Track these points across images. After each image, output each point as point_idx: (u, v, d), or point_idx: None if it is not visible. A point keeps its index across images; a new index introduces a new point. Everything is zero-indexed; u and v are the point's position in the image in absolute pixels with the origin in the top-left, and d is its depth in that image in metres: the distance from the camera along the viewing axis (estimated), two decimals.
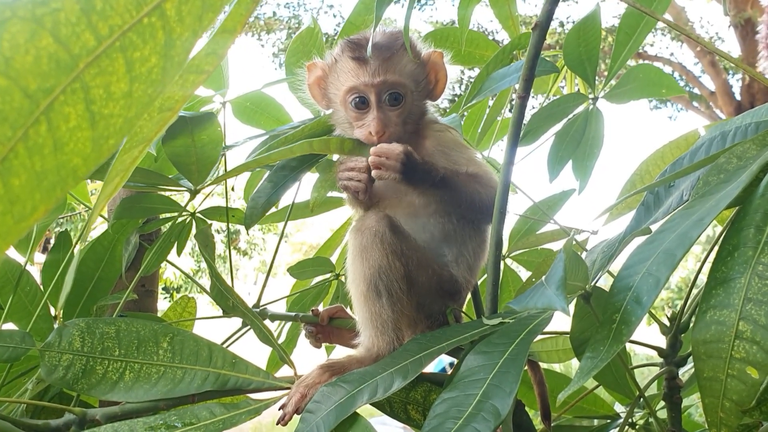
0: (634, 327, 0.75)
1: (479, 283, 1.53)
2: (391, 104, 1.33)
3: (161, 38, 0.45)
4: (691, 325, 0.86)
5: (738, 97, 11.30)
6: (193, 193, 1.62)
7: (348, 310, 1.53)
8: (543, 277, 0.90)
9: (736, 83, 11.87)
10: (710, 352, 0.72)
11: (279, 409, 1.16)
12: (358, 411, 1.01)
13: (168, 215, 1.78)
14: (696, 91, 12.29)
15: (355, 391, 1.00)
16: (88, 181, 2.35)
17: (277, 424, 1.13)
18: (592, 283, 1.06)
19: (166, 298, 12.93)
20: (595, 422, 1.68)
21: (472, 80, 1.69)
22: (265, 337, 1.34)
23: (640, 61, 12.06)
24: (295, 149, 1.27)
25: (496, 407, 0.81)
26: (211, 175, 1.59)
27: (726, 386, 0.71)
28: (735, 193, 0.78)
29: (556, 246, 1.90)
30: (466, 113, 2.01)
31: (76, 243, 1.63)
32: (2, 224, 0.40)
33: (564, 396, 0.80)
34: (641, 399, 1.28)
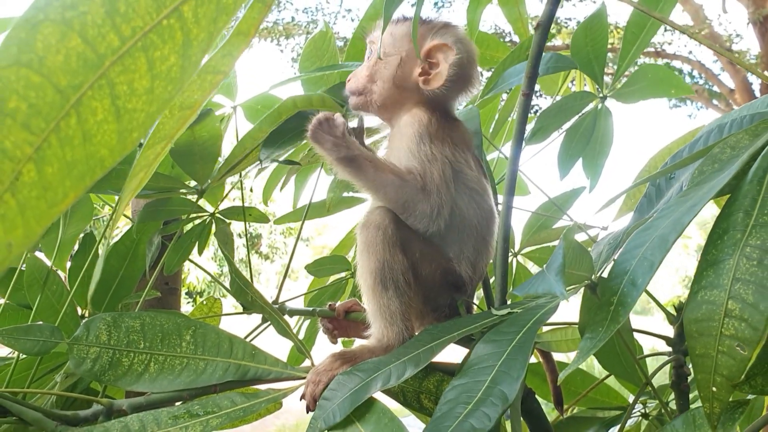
0: (630, 308, 0.79)
1: (492, 280, 1.56)
2: (368, 59, 1.48)
3: (179, 38, 0.49)
4: None
5: (758, 94, 11.20)
6: (200, 193, 1.67)
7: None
8: (544, 266, 0.94)
9: (755, 80, 11.78)
10: (701, 330, 0.75)
11: (300, 399, 1.21)
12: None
13: (189, 216, 1.83)
14: (715, 89, 12.18)
15: (369, 379, 1.04)
16: None
17: (307, 413, 1.18)
18: (599, 274, 1.09)
19: (189, 302, 13.01)
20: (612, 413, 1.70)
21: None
22: (284, 330, 1.38)
23: (660, 60, 12.01)
24: (281, 109, 1.35)
25: (504, 392, 0.84)
26: (215, 172, 1.64)
27: (717, 362, 0.74)
28: (725, 180, 0.81)
29: None
30: None
31: (100, 240, 1.68)
32: (37, 208, 0.44)
33: (564, 375, 0.84)
34: (652, 390, 1.31)
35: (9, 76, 0.40)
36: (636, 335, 1.49)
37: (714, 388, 0.75)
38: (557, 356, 1.63)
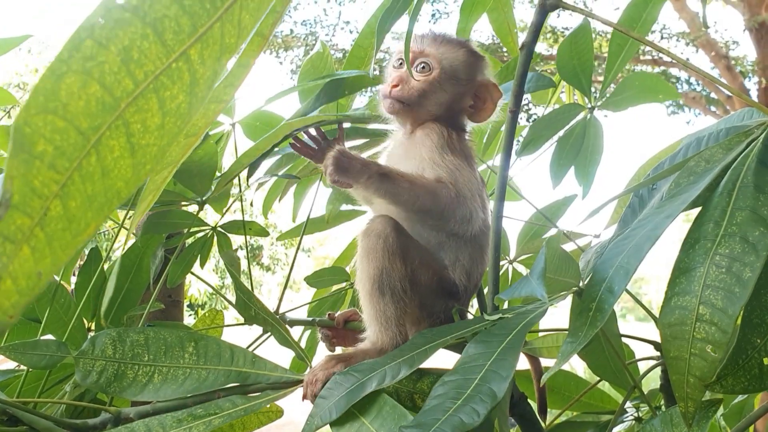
0: (608, 313, 0.84)
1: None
2: (420, 71, 1.51)
3: (187, 79, 0.54)
4: None
5: (755, 99, 11.06)
6: (201, 204, 1.72)
7: None
8: (528, 271, 0.99)
9: (753, 86, 11.76)
10: (675, 333, 0.80)
11: (302, 400, 1.24)
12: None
13: (191, 230, 1.87)
14: (713, 95, 12.15)
15: (365, 379, 1.08)
16: None
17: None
18: (587, 281, 1.14)
19: (191, 315, 13.00)
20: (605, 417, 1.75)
21: None
22: (285, 339, 1.43)
23: (657, 68, 12.01)
24: (278, 132, 1.40)
25: (493, 390, 0.88)
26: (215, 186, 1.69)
27: (690, 364, 0.79)
28: (697, 192, 0.87)
29: None
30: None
31: (107, 256, 1.73)
32: (63, 239, 0.49)
33: (546, 378, 0.89)
34: (641, 394, 1.36)
35: (37, 123, 0.45)
36: (634, 342, 1.54)
37: (688, 389, 0.80)
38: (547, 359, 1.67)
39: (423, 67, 1.51)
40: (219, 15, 0.55)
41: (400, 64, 1.54)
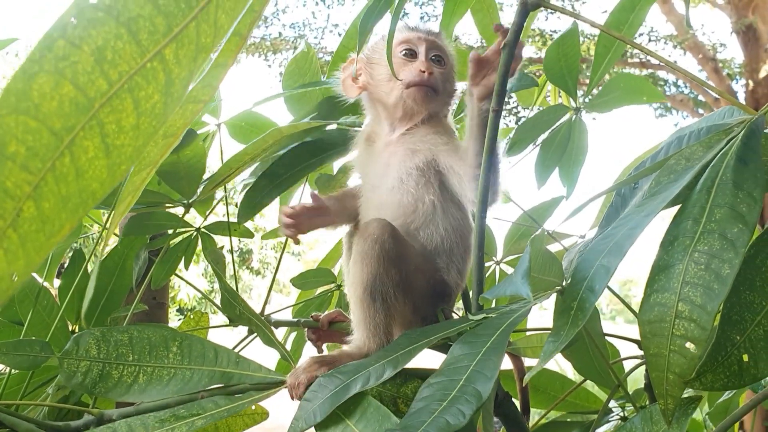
0: (589, 312, 0.85)
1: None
2: (436, 62, 1.50)
3: (162, 79, 0.54)
4: None
5: (742, 101, 11.05)
6: (187, 207, 1.71)
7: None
8: (513, 270, 0.99)
9: (740, 88, 11.75)
10: (654, 330, 0.80)
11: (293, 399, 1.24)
12: None
13: (175, 231, 1.87)
14: (701, 97, 12.15)
15: (349, 381, 1.08)
16: None
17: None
18: (568, 280, 1.14)
19: (180, 319, 12.99)
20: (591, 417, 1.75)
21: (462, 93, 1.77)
22: (269, 340, 1.43)
23: (644, 71, 12.03)
24: (267, 137, 1.40)
25: (478, 390, 0.88)
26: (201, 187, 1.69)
27: (669, 361, 0.79)
28: (677, 190, 0.87)
29: None
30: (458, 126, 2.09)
31: (90, 258, 1.72)
32: (36, 240, 0.49)
33: (529, 377, 0.89)
34: (625, 393, 1.36)
35: (9, 123, 0.45)
36: (621, 342, 1.55)
37: (667, 386, 0.80)
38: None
39: (438, 59, 1.51)
40: (194, 14, 0.55)
41: (408, 53, 1.49)
